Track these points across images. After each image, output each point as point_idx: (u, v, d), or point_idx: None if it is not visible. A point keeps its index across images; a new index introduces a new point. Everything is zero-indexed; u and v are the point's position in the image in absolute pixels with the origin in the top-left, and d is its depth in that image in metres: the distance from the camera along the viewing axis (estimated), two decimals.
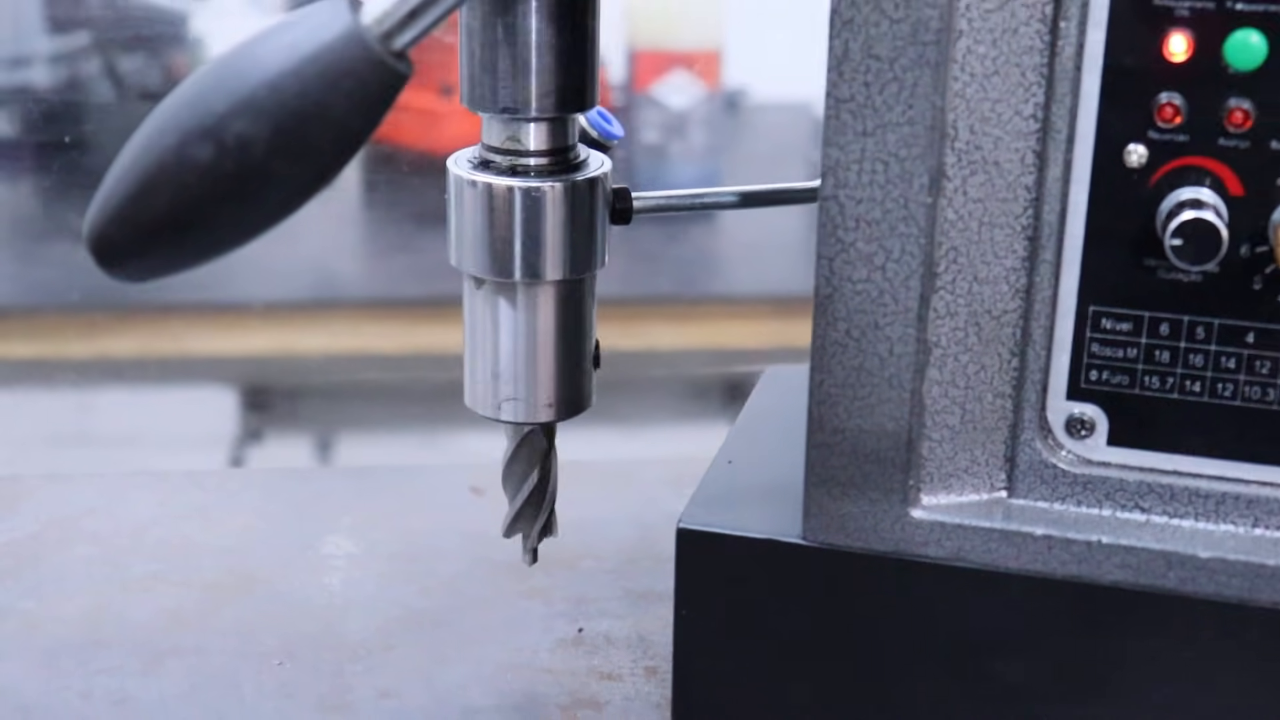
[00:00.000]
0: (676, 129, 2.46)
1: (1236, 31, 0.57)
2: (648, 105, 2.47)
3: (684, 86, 2.49)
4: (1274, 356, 0.60)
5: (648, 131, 2.46)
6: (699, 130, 2.47)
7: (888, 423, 0.62)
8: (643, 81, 2.50)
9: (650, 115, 2.47)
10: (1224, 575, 0.61)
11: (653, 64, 2.51)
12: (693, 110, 2.46)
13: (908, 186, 0.59)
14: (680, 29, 2.51)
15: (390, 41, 0.54)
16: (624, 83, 2.55)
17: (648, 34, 2.52)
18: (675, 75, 2.51)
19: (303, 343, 2.02)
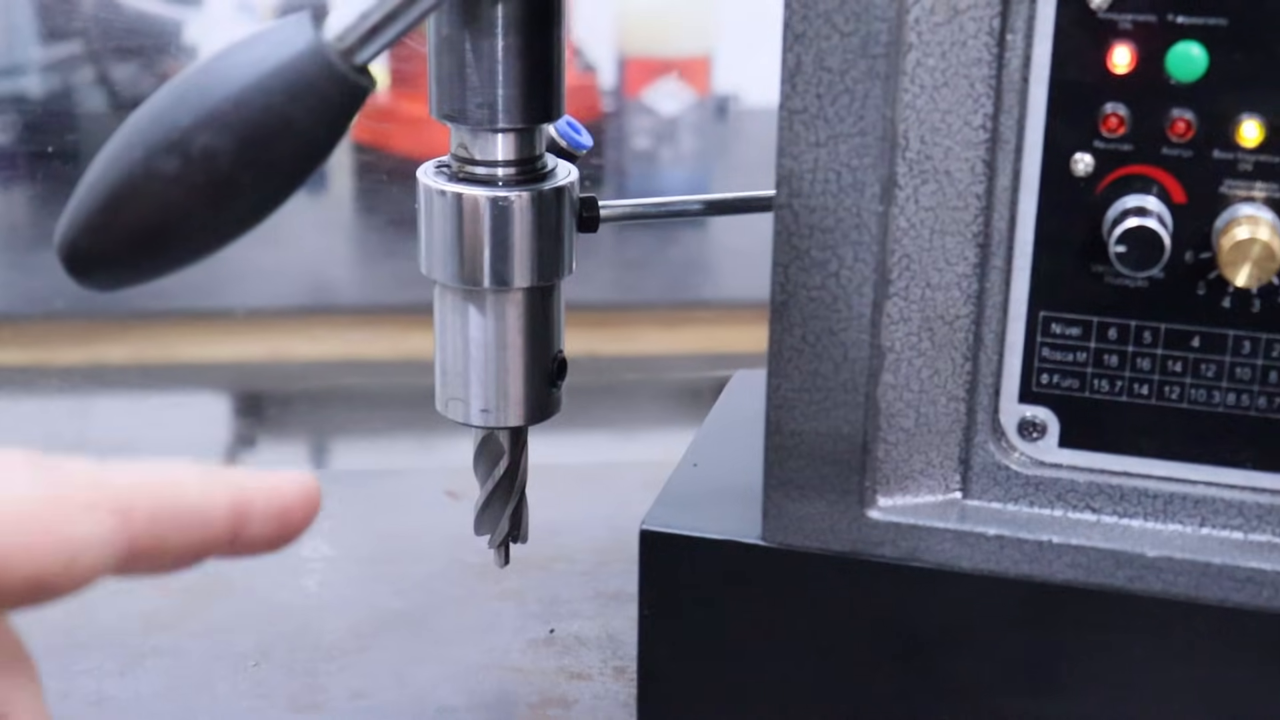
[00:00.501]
0: (667, 135, 2.47)
1: (1178, 44, 0.59)
2: (638, 111, 2.48)
3: (674, 93, 2.50)
4: (1219, 360, 0.62)
5: (638, 138, 2.48)
6: (689, 136, 2.48)
7: (843, 426, 0.64)
8: (633, 88, 2.52)
9: (641, 121, 2.48)
10: (1171, 573, 0.63)
11: (643, 70, 2.53)
12: (683, 116, 2.48)
13: (860, 195, 0.61)
14: (670, 36, 2.53)
15: (352, 57, 0.56)
16: (615, 89, 2.57)
17: (638, 41, 2.54)
18: (665, 81, 2.52)
19: (295, 349, 2.04)
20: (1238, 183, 0.60)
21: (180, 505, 0.42)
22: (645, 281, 2.33)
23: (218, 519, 0.42)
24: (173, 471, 0.42)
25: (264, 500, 0.44)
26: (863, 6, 0.59)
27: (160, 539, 0.41)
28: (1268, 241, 0.58)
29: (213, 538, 0.43)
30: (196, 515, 0.42)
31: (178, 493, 0.42)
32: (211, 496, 0.43)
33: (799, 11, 0.59)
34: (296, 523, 0.44)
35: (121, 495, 0.41)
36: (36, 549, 0.38)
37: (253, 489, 0.44)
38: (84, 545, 0.39)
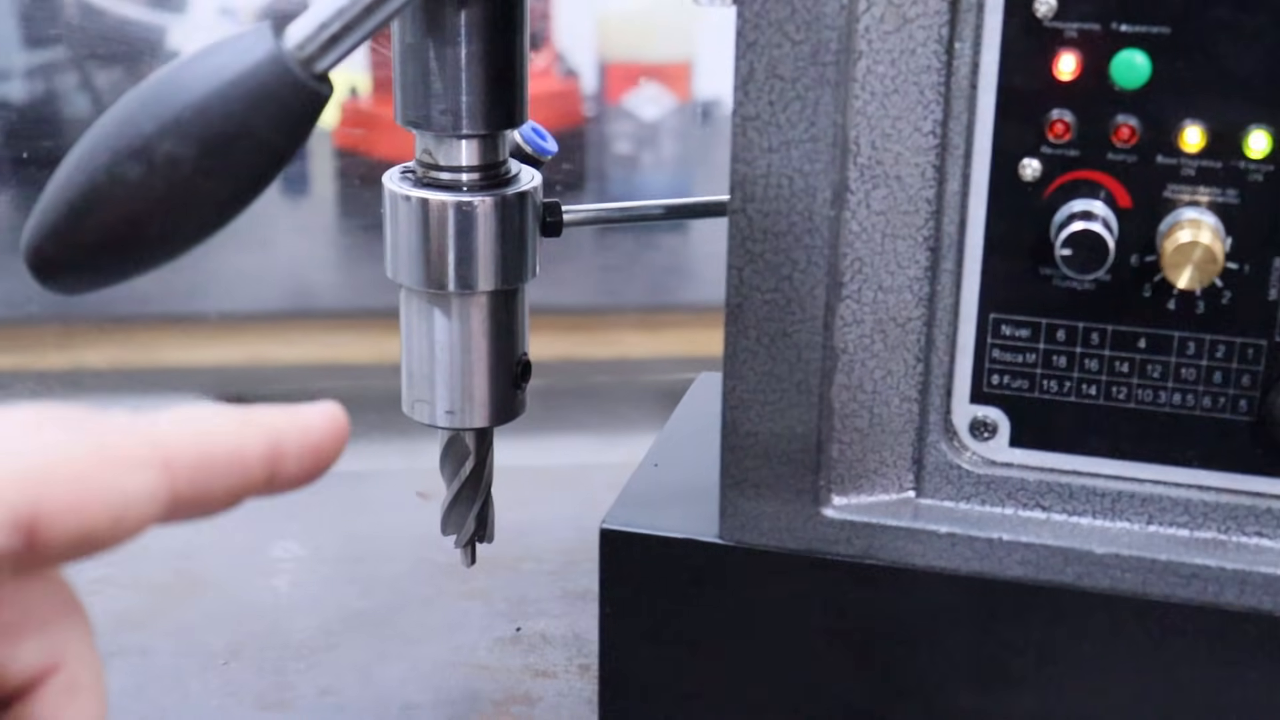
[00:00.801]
0: (648, 140, 2.48)
1: (1121, 52, 0.60)
2: (620, 116, 2.49)
3: (655, 98, 2.52)
4: (1164, 361, 0.63)
5: (620, 142, 2.49)
6: (670, 141, 2.50)
7: (798, 426, 0.65)
8: (614, 93, 2.53)
9: (622, 126, 2.50)
10: (1119, 570, 0.64)
11: (624, 76, 2.54)
12: (664, 121, 2.49)
13: (812, 200, 0.62)
14: (651, 41, 2.54)
15: (312, 65, 0.57)
16: (596, 94, 2.58)
17: (619, 46, 2.55)
18: (646, 87, 2.54)
19: (276, 353, 2.05)
20: (1181, 187, 0.61)
21: (219, 451, 0.43)
22: (625, 285, 2.34)
23: (254, 461, 0.43)
24: (207, 418, 0.43)
25: (297, 437, 0.45)
26: (813, 15, 0.60)
27: (202, 486, 0.42)
28: (1209, 245, 0.60)
29: (251, 480, 0.44)
30: (235, 459, 0.43)
31: (215, 439, 0.43)
32: (247, 439, 0.43)
33: (751, 20, 0.60)
34: (329, 455, 0.45)
35: (163, 447, 0.41)
36: (86, 505, 0.39)
37: (284, 426, 0.44)
38: (131, 499, 0.40)
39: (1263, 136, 0.59)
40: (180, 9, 2.59)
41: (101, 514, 0.40)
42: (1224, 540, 0.64)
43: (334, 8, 0.57)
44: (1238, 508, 0.64)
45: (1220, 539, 0.64)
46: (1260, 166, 0.60)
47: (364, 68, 2.38)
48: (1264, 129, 0.59)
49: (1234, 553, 0.64)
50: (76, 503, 0.39)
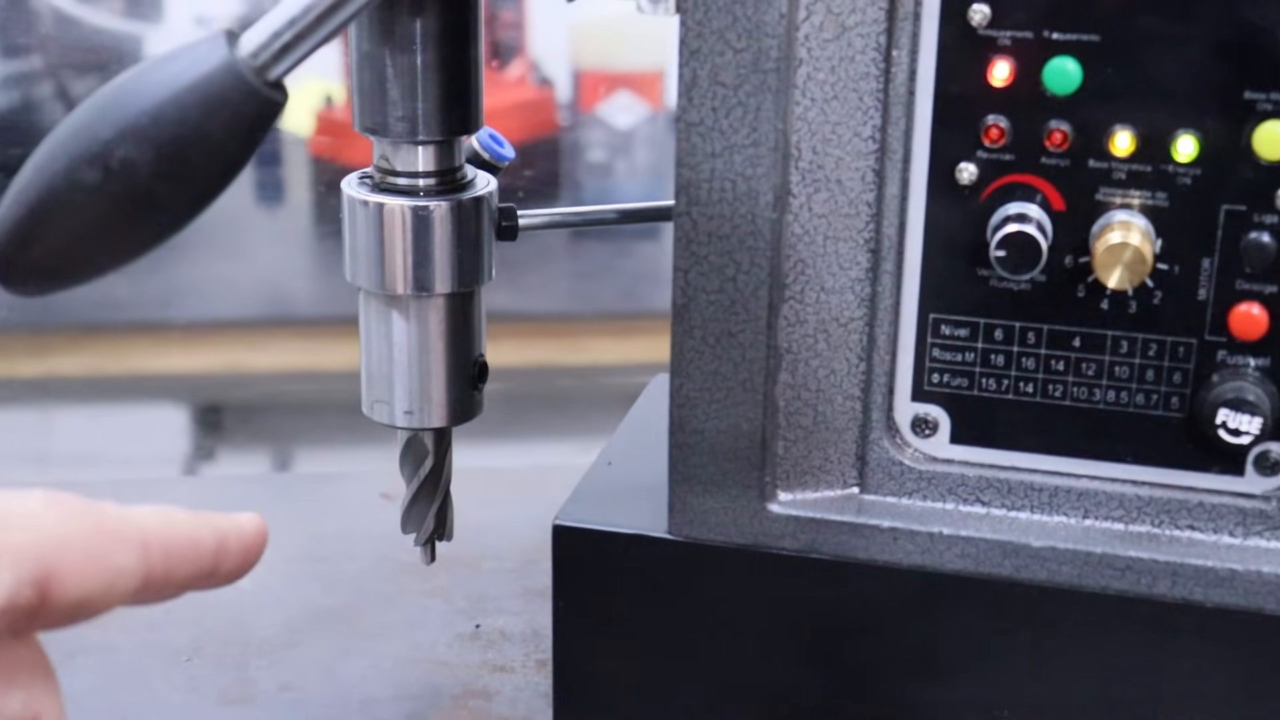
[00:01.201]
0: (622, 148, 2.50)
1: (1054, 59, 0.62)
2: (593, 125, 2.51)
3: (628, 106, 2.53)
4: (1099, 359, 0.65)
5: (594, 150, 2.50)
6: (643, 149, 2.51)
7: (743, 424, 0.67)
8: (588, 102, 2.55)
9: (596, 134, 2.51)
10: (1055, 563, 0.66)
11: (598, 85, 2.55)
12: (637, 129, 2.51)
13: (754, 204, 0.64)
14: (624, 50, 2.56)
15: (265, 73, 0.59)
16: (570, 103, 2.60)
17: (592, 55, 2.57)
18: (620, 95, 2.55)
19: (253, 360, 2.06)
20: (1112, 190, 0.63)
21: (182, 540, 0.49)
22: (599, 292, 2.36)
23: (206, 551, 0.50)
24: (172, 512, 0.49)
25: (236, 535, 0.51)
26: (754, 24, 0.62)
27: (169, 569, 0.48)
28: (1138, 246, 0.61)
29: (203, 568, 0.50)
30: (192, 549, 0.49)
31: (179, 530, 0.49)
32: (200, 532, 0.50)
33: (694, 29, 0.62)
34: (255, 554, 0.52)
35: (144, 530, 0.47)
36: (89, 573, 0.45)
37: (226, 527, 0.51)
38: (121, 572, 0.46)
39: (1190, 141, 0.61)
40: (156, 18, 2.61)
41: (100, 582, 0.45)
42: (1157, 534, 0.66)
43: (286, 17, 0.59)
44: (1170, 502, 0.66)
45: (1154, 532, 0.66)
46: (1188, 170, 0.62)
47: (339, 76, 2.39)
48: (1191, 134, 0.61)
49: (1167, 546, 0.66)
50: (82, 570, 0.45)
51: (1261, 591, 0.64)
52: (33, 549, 0.44)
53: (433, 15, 0.69)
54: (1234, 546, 0.65)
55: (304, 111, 2.23)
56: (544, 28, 2.53)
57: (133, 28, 2.55)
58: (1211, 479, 0.65)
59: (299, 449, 2.02)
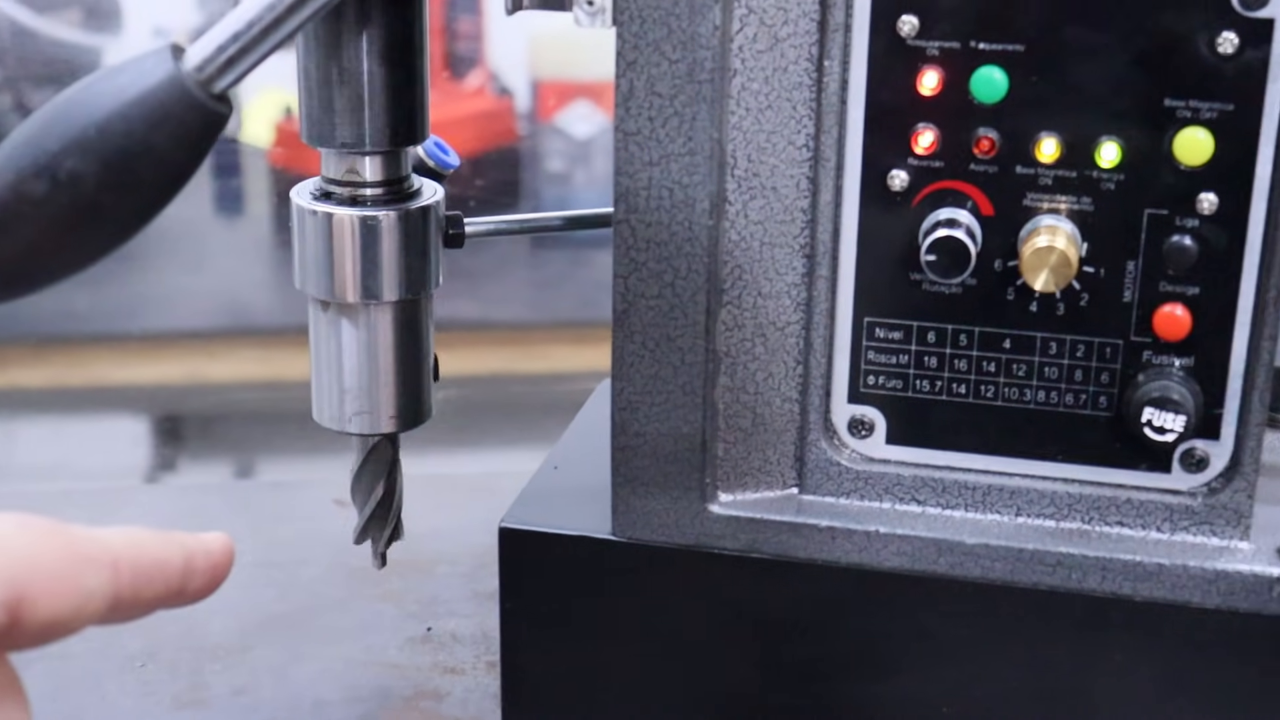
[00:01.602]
0: (580, 157, 2.51)
1: (980, 68, 0.63)
2: (552, 134, 2.52)
3: (587, 115, 2.55)
4: (1028, 360, 0.67)
5: (553, 160, 2.52)
6: (601, 158, 2.53)
7: (683, 426, 0.68)
8: (546, 112, 2.56)
9: (555, 144, 2.53)
10: (989, 559, 0.68)
11: (556, 94, 2.57)
12: (595, 139, 2.52)
13: (692, 211, 0.65)
14: (582, 60, 2.57)
15: (210, 86, 0.60)
16: (529, 112, 2.61)
17: (551, 65, 2.58)
18: (578, 105, 2.57)
19: (214, 371, 2.06)
20: (1039, 195, 0.64)
21: (150, 560, 0.49)
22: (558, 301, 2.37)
23: (174, 572, 0.50)
24: (139, 533, 0.50)
25: (203, 554, 0.51)
26: (689, 36, 0.63)
27: (137, 590, 0.49)
28: (1064, 249, 0.63)
29: (170, 589, 0.50)
30: (160, 569, 0.49)
31: (147, 550, 0.49)
32: (168, 552, 0.50)
33: (630, 41, 0.64)
34: (222, 574, 0.52)
35: (113, 552, 0.48)
36: (60, 595, 0.45)
37: (193, 546, 0.51)
38: (90, 594, 0.46)
39: (1113, 147, 0.63)
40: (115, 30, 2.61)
41: (70, 603, 0.46)
42: (1087, 530, 0.68)
43: (231, 31, 0.60)
44: (1100, 499, 0.68)
45: (1084, 529, 0.68)
46: (1111, 176, 0.63)
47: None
48: (1114, 140, 0.63)
49: (1096, 541, 0.67)
50: (53, 591, 0.45)
51: (1188, 585, 0.66)
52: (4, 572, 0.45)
53: (377, 27, 0.70)
54: (1161, 541, 0.67)
55: (263, 122, 2.24)
56: (502, 39, 2.55)
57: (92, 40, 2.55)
58: (1139, 476, 0.67)
59: (259, 458, 2.03)
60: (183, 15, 2.40)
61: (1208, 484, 0.66)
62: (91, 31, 2.57)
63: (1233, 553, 0.66)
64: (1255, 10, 0.60)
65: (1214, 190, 0.63)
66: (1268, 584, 0.65)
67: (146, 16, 2.42)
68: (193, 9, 2.41)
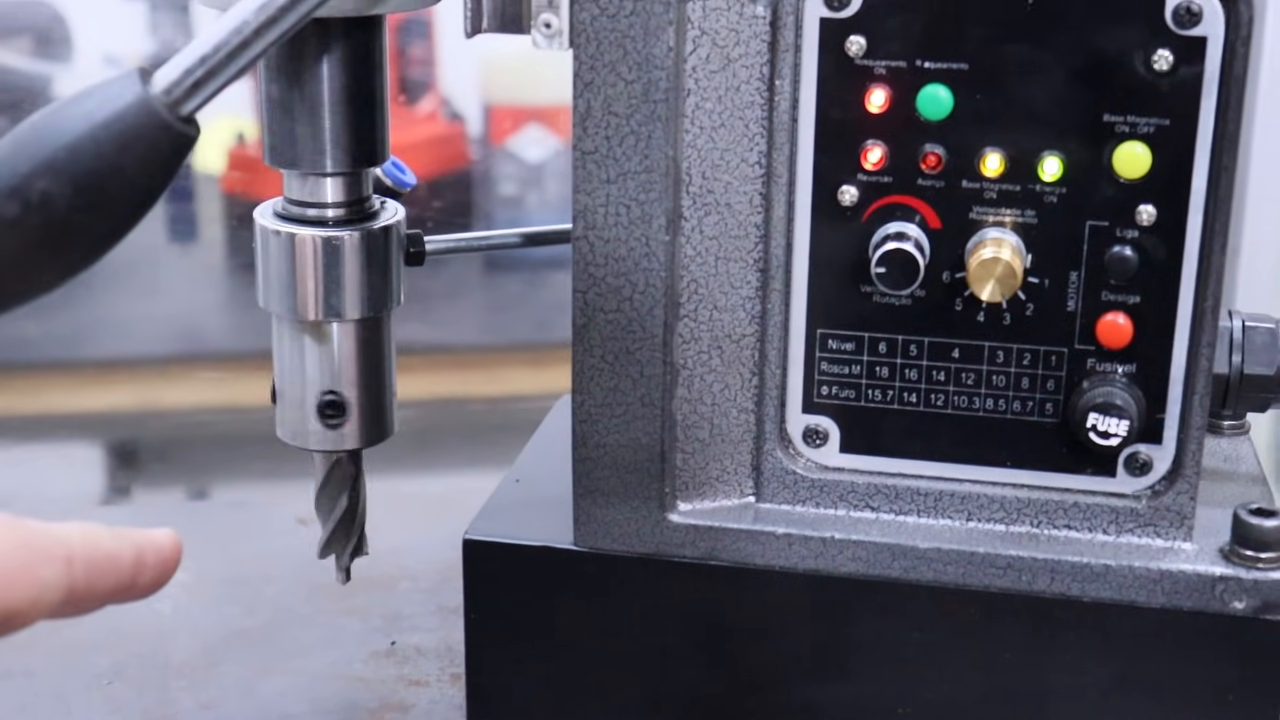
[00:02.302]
0: (533, 181, 2.53)
1: (926, 86, 0.66)
2: (504, 158, 2.54)
3: (539, 139, 2.56)
4: (977, 369, 0.69)
5: (505, 184, 2.53)
6: (554, 181, 2.54)
7: (643, 437, 0.70)
8: (499, 136, 2.57)
9: (507, 168, 2.54)
10: (941, 563, 0.69)
11: (508, 118, 2.58)
12: (547, 162, 2.54)
13: (648, 227, 0.67)
14: (534, 84, 2.58)
15: (178, 108, 0.61)
16: (481, 137, 2.62)
17: (503, 89, 2.60)
18: (530, 129, 2.58)
19: (168, 397, 2.06)
20: (985, 209, 0.67)
21: (103, 555, 0.51)
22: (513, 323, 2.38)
23: (126, 566, 0.52)
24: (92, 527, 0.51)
25: (153, 550, 0.53)
26: (644, 57, 0.65)
27: (91, 584, 0.50)
28: (1009, 260, 0.65)
29: (121, 583, 0.52)
30: (113, 563, 0.51)
31: (100, 545, 0.51)
32: (120, 547, 0.52)
33: (587, 62, 0.65)
34: (171, 568, 0.54)
35: (67, 545, 0.49)
36: (14, 588, 0.47)
37: (143, 542, 0.53)
38: (46, 586, 0.48)
39: (1055, 162, 0.65)
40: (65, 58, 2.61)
41: (25, 595, 0.47)
42: (1036, 533, 0.70)
43: (198, 54, 0.62)
44: (1048, 503, 0.69)
45: (1033, 532, 0.70)
46: (1054, 189, 0.66)
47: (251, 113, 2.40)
48: (1056, 155, 0.65)
49: (1045, 544, 0.69)
50: (8, 584, 0.47)
51: (1134, 585, 0.68)
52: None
53: (338, 50, 0.72)
54: (1108, 544, 0.69)
55: (216, 149, 2.25)
56: (454, 63, 2.56)
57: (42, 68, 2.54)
58: (1085, 480, 0.69)
59: (215, 483, 2.03)
60: (134, 43, 2.40)
61: (1151, 487, 0.69)
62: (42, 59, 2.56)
63: (1176, 553, 0.68)
64: (1189, 29, 0.63)
65: (1152, 202, 0.65)
66: (1210, 583, 0.67)
67: (97, 44, 2.42)
68: (144, 36, 2.41)
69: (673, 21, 0.65)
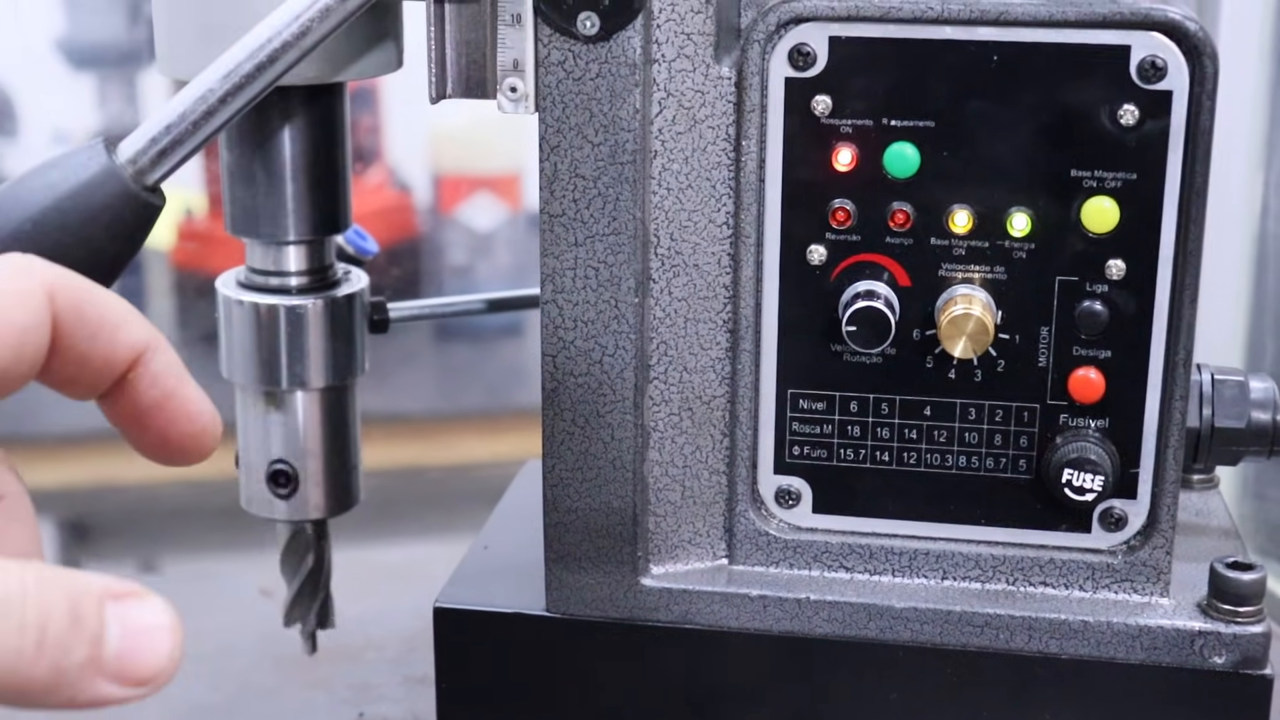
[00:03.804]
0: (482, 249, 2.53)
1: (893, 145, 0.66)
2: (453, 227, 2.54)
3: (488, 208, 2.57)
4: (949, 426, 0.68)
5: (455, 252, 2.53)
6: (504, 250, 2.54)
7: (614, 501, 0.69)
8: (447, 205, 2.58)
9: (456, 237, 2.54)
10: (918, 623, 0.69)
11: (457, 187, 2.58)
12: (497, 231, 2.54)
13: (617, 289, 0.67)
14: (482, 153, 2.59)
15: (143, 178, 0.61)
16: (430, 205, 2.62)
17: (451, 159, 2.60)
18: (479, 197, 2.59)
19: (119, 472, 2.04)
20: (954, 266, 0.67)
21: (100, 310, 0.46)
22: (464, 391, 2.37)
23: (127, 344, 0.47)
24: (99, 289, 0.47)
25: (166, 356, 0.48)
26: (610, 119, 0.65)
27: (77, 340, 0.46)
28: (980, 316, 0.65)
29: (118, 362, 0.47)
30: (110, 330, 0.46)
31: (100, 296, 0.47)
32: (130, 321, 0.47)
33: (553, 125, 0.65)
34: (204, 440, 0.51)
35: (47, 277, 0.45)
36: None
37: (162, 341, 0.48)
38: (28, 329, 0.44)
39: (1024, 217, 0.65)
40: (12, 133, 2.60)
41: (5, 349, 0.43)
42: (1012, 591, 0.70)
43: (163, 124, 0.61)
44: (1023, 560, 0.69)
45: (1009, 590, 0.70)
46: (1023, 244, 0.66)
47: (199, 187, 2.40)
48: (1024, 210, 0.65)
49: (1022, 602, 0.69)
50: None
51: (1112, 641, 0.68)
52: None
53: (300, 118, 0.72)
54: (1084, 599, 0.69)
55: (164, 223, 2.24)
56: (400, 134, 2.56)
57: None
58: (1060, 536, 0.69)
59: (168, 557, 2.01)
60: (82, 118, 2.40)
61: (1127, 542, 0.68)
62: None
63: (1154, 608, 0.68)
64: (1154, 83, 0.63)
65: (1121, 256, 0.65)
66: (1189, 638, 0.67)
67: (44, 120, 2.42)
68: (91, 110, 2.41)
69: (639, 84, 0.65)
